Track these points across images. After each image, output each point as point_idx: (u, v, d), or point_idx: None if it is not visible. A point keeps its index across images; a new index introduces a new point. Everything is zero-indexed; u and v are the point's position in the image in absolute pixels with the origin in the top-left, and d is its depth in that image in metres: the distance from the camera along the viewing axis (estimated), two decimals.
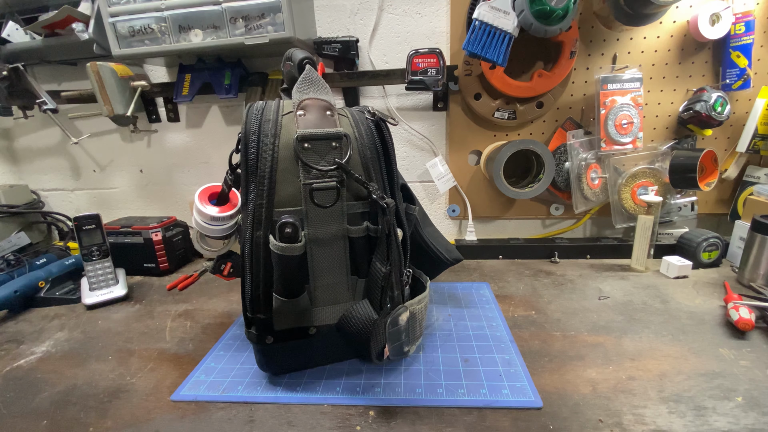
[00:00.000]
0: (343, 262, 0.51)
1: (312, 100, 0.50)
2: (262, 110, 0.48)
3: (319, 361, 0.55)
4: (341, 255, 0.51)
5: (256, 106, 0.48)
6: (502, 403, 0.47)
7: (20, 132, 1.08)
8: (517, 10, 0.73)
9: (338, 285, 0.51)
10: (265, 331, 0.50)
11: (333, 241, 0.50)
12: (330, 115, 0.50)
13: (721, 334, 0.58)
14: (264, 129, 0.47)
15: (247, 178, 0.47)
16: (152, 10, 0.78)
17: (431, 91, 0.89)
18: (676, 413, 0.44)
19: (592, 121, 0.89)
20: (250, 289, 0.48)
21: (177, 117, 1.02)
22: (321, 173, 0.48)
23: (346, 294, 0.52)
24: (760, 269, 0.71)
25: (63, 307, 0.78)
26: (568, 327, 0.62)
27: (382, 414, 0.46)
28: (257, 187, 0.47)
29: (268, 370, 0.54)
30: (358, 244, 0.51)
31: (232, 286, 0.83)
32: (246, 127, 0.47)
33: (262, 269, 0.48)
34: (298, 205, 0.48)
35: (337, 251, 0.50)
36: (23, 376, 0.57)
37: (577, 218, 0.97)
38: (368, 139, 0.50)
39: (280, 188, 0.47)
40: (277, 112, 0.48)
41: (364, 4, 0.89)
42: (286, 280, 0.47)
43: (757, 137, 0.83)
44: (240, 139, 0.48)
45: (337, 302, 0.52)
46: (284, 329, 0.50)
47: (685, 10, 0.82)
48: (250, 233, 0.47)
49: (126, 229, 0.89)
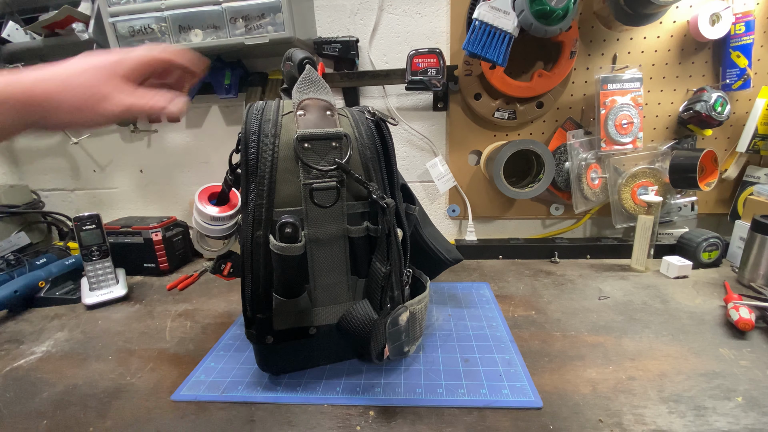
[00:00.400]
0: (343, 262, 0.51)
1: (312, 100, 0.50)
2: (262, 110, 0.48)
3: (318, 361, 0.55)
4: (341, 255, 0.51)
5: (256, 106, 0.48)
6: (502, 403, 0.46)
7: None
8: (517, 10, 0.73)
9: (338, 285, 0.51)
10: (265, 331, 0.50)
11: (333, 241, 0.50)
12: (330, 115, 0.50)
13: (721, 334, 0.58)
14: (264, 129, 0.47)
15: (247, 177, 0.47)
16: (152, 10, 0.78)
17: (431, 91, 0.89)
18: (676, 413, 0.44)
19: (592, 121, 0.89)
20: (251, 289, 0.48)
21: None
22: (321, 173, 0.48)
23: (346, 294, 0.52)
24: (760, 269, 0.71)
25: (63, 307, 0.78)
26: (568, 327, 0.62)
27: (382, 414, 0.46)
28: (257, 186, 0.47)
29: (268, 370, 0.54)
30: (358, 244, 0.51)
31: (232, 286, 0.83)
32: (246, 126, 0.47)
33: (262, 269, 0.47)
34: (298, 205, 0.48)
35: (337, 251, 0.50)
36: (23, 376, 0.57)
37: (577, 218, 0.97)
38: (368, 139, 0.50)
39: (280, 188, 0.47)
40: (277, 112, 0.48)
41: (364, 4, 0.89)
42: (286, 280, 0.47)
43: (757, 137, 0.83)
44: (240, 139, 0.48)
45: (337, 302, 0.52)
46: (284, 329, 0.50)
47: (685, 10, 0.82)
48: (250, 233, 0.47)
49: (126, 229, 0.89)
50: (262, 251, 0.47)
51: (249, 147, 0.47)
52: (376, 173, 0.50)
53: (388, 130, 0.52)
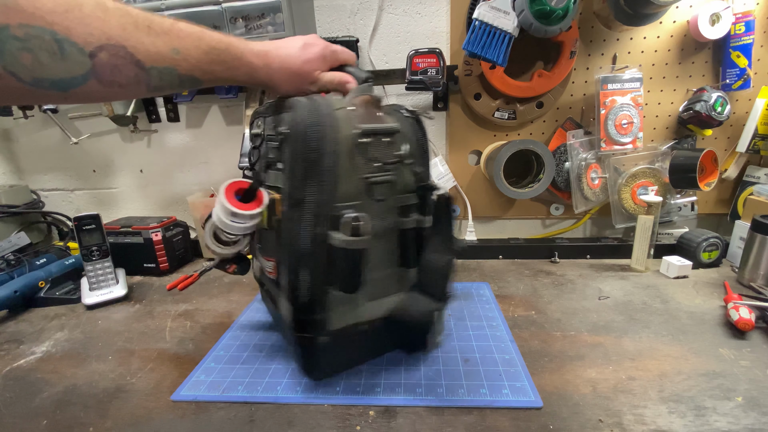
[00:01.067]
0: (393, 254, 0.52)
1: (362, 98, 0.51)
2: (316, 106, 0.47)
3: (364, 358, 0.55)
4: (393, 247, 0.51)
5: (301, 102, 0.47)
6: (502, 403, 0.47)
7: (20, 132, 1.08)
8: (517, 10, 0.73)
9: (388, 277, 0.52)
10: (320, 332, 0.49)
11: (386, 234, 0.50)
12: (378, 111, 0.51)
13: (721, 334, 0.58)
14: (322, 125, 0.46)
15: (305, 174, 0.45)
16: (152, 11, 0.78)
17: (431, 91, 0.89)
18: (676, 413, 0.44)
19: (592, 121, 0.89)
20: (308, 289, 0.47)
21: (177, 117, 1.02)
22: (379, 167, 0.48)
23: (395, 286, 0.53)
24: (760, 269, 0.71)
25: (63, 307, 0.78)
26: (568, 327, 0.62)
27: (382, 414, 0.46)
28: (319, 183, 0.45)
29: (314, 376, 0.52)
30: (408, 236, 0.52)
31: (232, 286, 0.83)
32: (296, 122, 0.45)
33: (321, 267, 0.47)
34: (356, 199, 0.47)
35: (389, 243, 0.51)
36: (23, 376, 0.57)
37: (577, 218, 0.97)
38: (412, 134, 0.52)
39: (341, 183, 0.47)
40: (330, 108, 0.47)
41: (364, 4, 0.89)
42: (349, 275, 0.47)
43: (757, 137, 0.83)
44: (285, 137, 0.47)
45: (387, 294, 0.52)
46: (339, 328, 0.50)
47: (685, 10, 0.82)
48: (309, 230, 0.46)
49: (126, 229, 0.89)
50: (323, 248, 0.46)
51: (308, 143, 0.45)
52: (423, 166, 0.52)
53: (424, 126, 0.54)
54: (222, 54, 0.43)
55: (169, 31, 0.39)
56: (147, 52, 0.37)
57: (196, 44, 0.40)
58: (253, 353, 0.59)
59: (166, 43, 0.38)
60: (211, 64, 0.42)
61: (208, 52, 0.41)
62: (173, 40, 0.39)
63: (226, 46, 0.43)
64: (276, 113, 0.50)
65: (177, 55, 0.39)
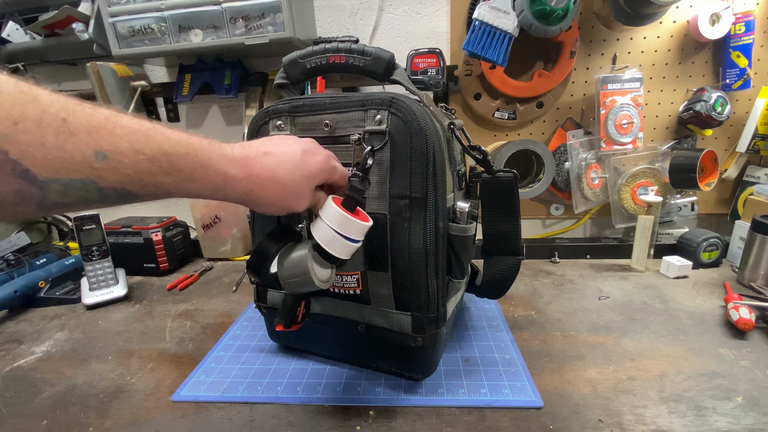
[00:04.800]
0: None
1: (425, 95, 0.52)
2: (415, 102, 0.46)
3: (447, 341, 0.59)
4: None
5: (404, 99, 0.45)
6: (502, 403, 0.47)
7: None
8: (517, 10, 0.73)
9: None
10: (440, 327, 0.48)
11: None
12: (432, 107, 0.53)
13: (721, 334, 0.58)
14: (432, 121, 0.45)
15: (435, 171, 0.45)
16: (152, 10, 0.78)
17: (431, 91, 0.89)
18: (676, 413, 0.44)
19: (592, 121, 0.89)
20: (437, 284, 0.47)
21: (177, 117, 1.02)
22: (458, 160, 0.52)
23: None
24: (760, 269, 0.71)
25: (63, 307, 0.78)
26: (568, 327, 0.62)
27: (382, 414, 0.46)
28: (435, 179, 0.45)
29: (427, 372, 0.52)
30: None
31: (231, 286, 0.83)
32: (411, 121, 0.44)
33: (445, 259, 0.48)
34: (449, 192, 0.48)
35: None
36: (23, 376, 0.57)
37: (577, 218, 0.97)
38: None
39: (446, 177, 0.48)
40: (422, 104, 0.47)
41: (364, 4, 0.89)
42: (466, 261, 0.49)
43: (757, 137, 0.84)
44: (390, 135, 0.45)
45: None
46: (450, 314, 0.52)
47: (685, 10, 0.82)
48: (432, 227, 0.45)
49: (126, 229, 0.89)
50: (444, 241, 0.47)
51: (427, 140, 0.44)
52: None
53: None
54: (178, 161, 0.31)
55: (97, 127, 0.27)
56: (45, 159, 0.25)
57: (138, 147, 0.29)
58: (253, 353, 0.59)
59: (87, 145, 0.27)
60: (157, 174, 0.30)
61: (156, 158, 0.30)
62: (100, 141, 0.27)
63: (187, 151, 0.32)
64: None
65: (101, 162, 0.28)
